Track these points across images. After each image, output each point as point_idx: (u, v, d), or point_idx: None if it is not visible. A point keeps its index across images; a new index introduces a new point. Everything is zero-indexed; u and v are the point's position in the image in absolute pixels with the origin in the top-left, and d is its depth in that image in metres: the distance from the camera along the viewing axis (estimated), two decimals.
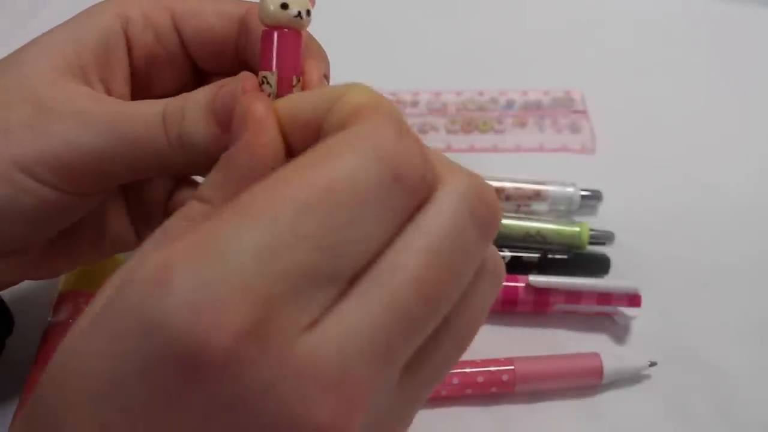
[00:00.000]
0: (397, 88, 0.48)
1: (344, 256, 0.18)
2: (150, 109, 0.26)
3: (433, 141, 0.45)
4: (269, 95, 0.24)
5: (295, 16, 0.24)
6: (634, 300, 0.36)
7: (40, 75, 0.26)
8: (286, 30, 0.24)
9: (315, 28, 0.31)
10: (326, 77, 0.27)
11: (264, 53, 0.24)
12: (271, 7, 0.24)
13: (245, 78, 0.25)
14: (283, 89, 0.24)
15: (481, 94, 0.48)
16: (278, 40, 0.24)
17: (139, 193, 0.31)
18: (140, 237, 0.32)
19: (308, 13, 0.24)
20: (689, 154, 0.45)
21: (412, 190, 0.19)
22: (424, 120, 0.47)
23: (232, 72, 0.27)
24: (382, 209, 0.18)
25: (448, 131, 0.46)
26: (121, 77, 0.29)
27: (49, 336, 0.33)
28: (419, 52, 0.51)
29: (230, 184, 0.22)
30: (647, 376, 0.35)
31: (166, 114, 0.26)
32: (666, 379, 0.35)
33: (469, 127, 0.46)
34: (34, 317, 0.34)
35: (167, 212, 0.31)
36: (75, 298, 0.34)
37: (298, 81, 0.25)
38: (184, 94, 0.26)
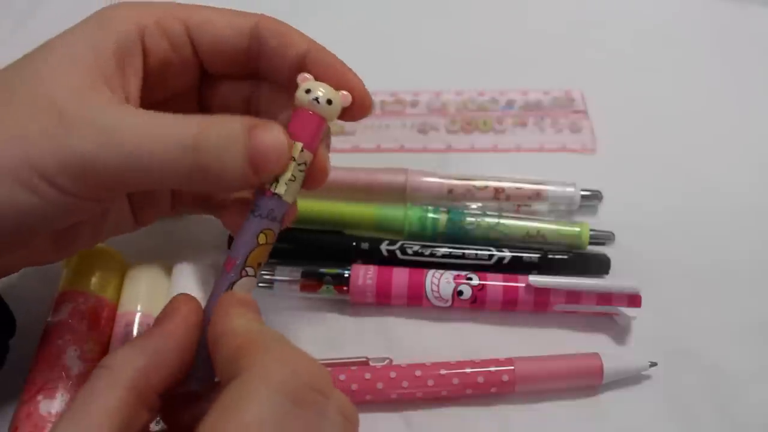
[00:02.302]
0: (397, 88, 0.48)
1: None
2: (180, 132, 0.26)
3: (433, 141, 0.45)
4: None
5: (313, 99, 0.28)
6: (634, 300, 0.36)
7: (62, 85, 0.26)
8: (309, 112, 0.29)
9: (316, 27, 0.31)
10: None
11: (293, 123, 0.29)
12: (301, 93, 0.29)
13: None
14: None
15: (481, 94, 0.48)
16: (299, 116, 0.29)
17: None
18: (138, 219, 0.33)
19: (329, 101, 0.28)
20: (689, 154, 0.45)
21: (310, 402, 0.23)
22: (424, 120, 0.46)
23: (241, 76, 0.31)
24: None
25: (448, 131, 0.46)
26: (135, 83, 0.29)
27: (49, 336, 0.33)
28: (419, 52, 0.51)
29: (142, 357, 0.25)
30: (647, 376, 0.35)
31: (200, 144, 0.26)
32: (666, 379, 0.35)
33: (469, 127, 0.46)
34: (34, 317, 0.34)
35: (175, 193, 0.34)
36: (75, 298, 0.34)
37: (302, 151, 0.28)
38: (213, 120, 0.27)
